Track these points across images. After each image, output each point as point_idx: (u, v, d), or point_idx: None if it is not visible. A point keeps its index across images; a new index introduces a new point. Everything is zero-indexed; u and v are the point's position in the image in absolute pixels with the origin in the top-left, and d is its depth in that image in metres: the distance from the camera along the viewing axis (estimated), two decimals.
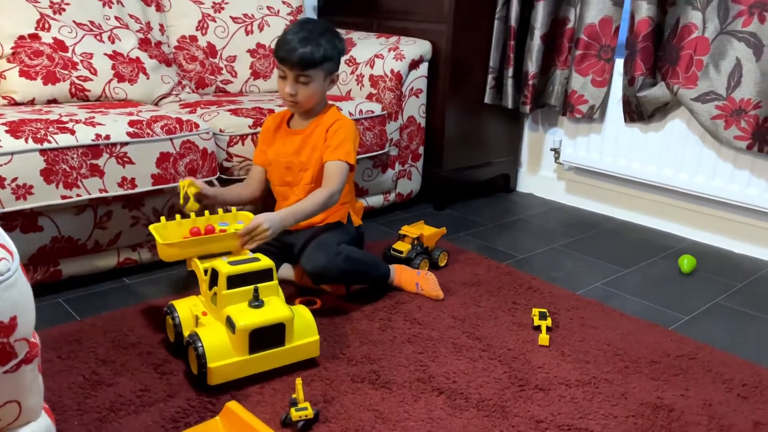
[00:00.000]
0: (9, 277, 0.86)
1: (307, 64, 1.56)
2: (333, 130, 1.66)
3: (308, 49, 1.54)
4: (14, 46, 1.81)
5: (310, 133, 1.68)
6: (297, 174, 1.69)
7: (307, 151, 1.68)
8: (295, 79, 1.58)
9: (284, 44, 1.56)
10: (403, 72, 2.25)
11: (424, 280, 1.70)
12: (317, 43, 1.56)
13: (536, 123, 2.68)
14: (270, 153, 1.72)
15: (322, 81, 1.62)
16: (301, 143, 1.68)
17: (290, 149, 1.69)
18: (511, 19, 2.36)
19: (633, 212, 2.42)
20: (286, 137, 1.71)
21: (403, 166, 2.37)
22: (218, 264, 1.31)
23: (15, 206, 1.45)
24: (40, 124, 1.51)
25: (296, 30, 1.57)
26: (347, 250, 1.60)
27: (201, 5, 2.29)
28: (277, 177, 1.71)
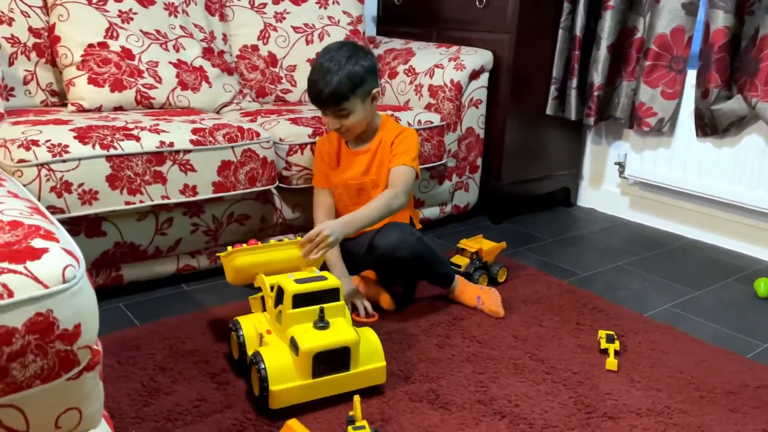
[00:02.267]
0: (75, 284, 0.86)
1: (338, 100, 1.54)
2: (399, 140, 1.64)
3: (333, 85, 1.51)
4: (84, 54, 1.86)
5: (376, 150, 1.67)
6: (370, 192, 1.67)
7: (375, 169, 1.67)
8: (334, 115, 1.57)
9: (311, 87, 1.55)
10: (464, 82, 2.21)
11: (487, 294, 1.65)
12: (340, 75, 1.51)
13: (599, 135, 2.59)
14: (335, 177, 1.69)
15: (361, 106, 1.58)
16: (369, 162, 1.67)
17: (359, 170, 1.67)
18: (576, 29, 2.28)
19: (703, 231, 2.30)
20: (351, 158, 1.69)
21: (461, 178, 2.32)
22: (284, 281, 1.28)
23: (81, 211, 1.48)
24: (106, 130, 1.54)
25: (318, 67, 1.55)
26: (420, 234, 1.58)
27: (263, 15, 2.31)
28: (348, 199, 1.69)
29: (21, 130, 1.49)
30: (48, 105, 1.90)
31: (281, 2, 2.33)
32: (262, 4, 2.31)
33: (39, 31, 1.88)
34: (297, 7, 2.34)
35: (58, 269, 0.85)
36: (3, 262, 0.82)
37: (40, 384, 0.85)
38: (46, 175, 1.42)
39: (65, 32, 1.86)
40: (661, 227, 2.42)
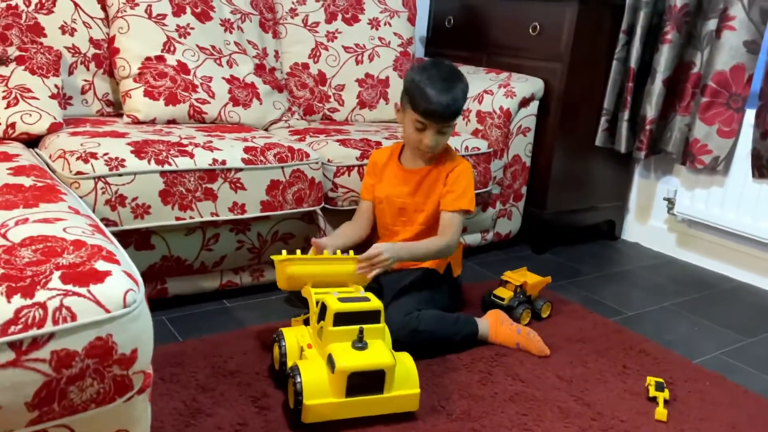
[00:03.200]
0: (135, 308, 0.86)
1: (453, 116, 1.56)
2: (455, 175, 1.62)
3: (452, 100, 1.52)
4: (141, 66, 1.89)
5: (427, 174, 1.65)
6: (411, 215, 1.66)
7: (423, 192, 1.65)
8: (437, 131, 1.56)
9: (430, 100, 1.51)
10: (513, 109, 2.18)
11: (527, 340, 1.59)
12: (456, 91, 1.54)
13: (648, 170, 2.54)
14: (380, 191, 1.69)
15: (451, 130, 1.61)
16: (417, 184, 1.65)
17: (405, 190, 1.66)
18: (631, 61, 2.24)
19: (755, 274, 2.23)
20: (400, 176, 1.68)
21: (504, 206, 2.29)
22: (328, 299, 1.29)
23: (133, 225, 1.49)
24: (162, 145, 1.56)
25: (434, 81, 1.52)
26: (423, 320, 1.50)
27: (315, 34, 2.32)
28: (389, 216, 1.69)
29: (80, 141, 1.51)
30: (103, 114, 1.93)
31: (334, 22, 2.34)
32: (315, 23, 2.33)
33: (99, 42, 1.92)
34: (349, 27, 2.35)
35: (120, 293, 0.85)
36: (68, 285, 0.83)
37: (95, 407, 0.85)
38: (102, 188, 1.44)
39: (124, 44, 1.90)
40: (710, 267, 2.35)
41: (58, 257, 0.87)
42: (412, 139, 1.59)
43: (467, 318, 1.61)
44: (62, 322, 0.79)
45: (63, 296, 0.81)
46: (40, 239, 0.92)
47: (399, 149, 1.71)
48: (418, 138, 1.58)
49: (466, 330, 1.59)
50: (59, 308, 0.80)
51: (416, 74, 1.56)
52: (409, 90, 1.56)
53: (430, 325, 1.52)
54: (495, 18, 2.47)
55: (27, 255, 0.87)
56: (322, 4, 2.34)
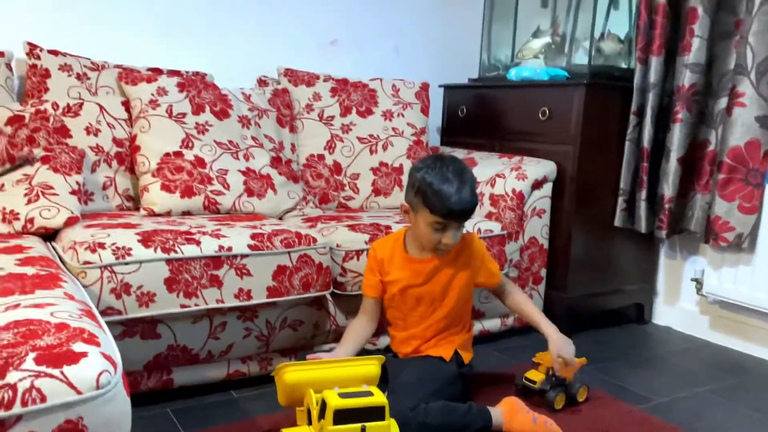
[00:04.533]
0: (108, 390, 0.85)
1: (474, 210, 1.56)
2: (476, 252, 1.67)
3: (470, 196, 1.53)
4: (160, 162, 1.97)
5: (440, 262, 1.62)
6: (430, 306, 1.63)
7: (441, 281, 1.62)
8: (456, 230, 1.55)
9: (450, 201, 1.50)
10: (525, 192, 2.18)
11: (544, 430, 1.50)
12: (471, 184, 1.55)
13: (674, 249, 2.46)
14: (391, 285, 1.65)
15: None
16: (431, 272, 1.62)
17: (418, 280, 1.62)
18: (644, 141, 2.24)
19: None
20: (409, 266, 1.64)
21: (524, 289, 2.24)
22: (328, 395, 1.24)
23: (137, 313, 1.50)
24: (170, 234, 1.59)
25: (448, 181, 1.51)
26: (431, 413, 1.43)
27: (331, 127, 2.41)
28: (405, 308, 1.65)
29: (91, 233, 1.56)
30: (123, 209, 2.01)
31: (349, 115, 2.43)
32: (330, 117, 2.42)
33: (122, 141, 2.02)
34: (363, 120, 2.43)
35: (93, 375, 0.84)
36: (41, 366, 0.83)
37: None
38: (108, 277, 1.47)
39: (145, 142, 2.00)
40: (746, 351, 2.21)
41: (37, 339, 0.88)
42: (431, 240, 1.56)
43: (479, 408, 1.53)
44: (31, 404, 0.79)
45: (35, 377, 0.81)
46: (24, 323, 0.93)
47: (402, 237, 1.69)
48: (436, 239, 1.55)
49: (478, 421, 1.50)
50: (29, 389, 0.79)
51: (426, 175, 1.53)
52: (422, 192, 1.53)
53: (439, 418, 1.44)
54: (505, 105, 2.53)
55: (7, 338, 0.88)
56: (338, 99, 2.45)
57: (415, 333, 1.65)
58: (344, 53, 2.71)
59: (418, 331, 1.64)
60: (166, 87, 2.09)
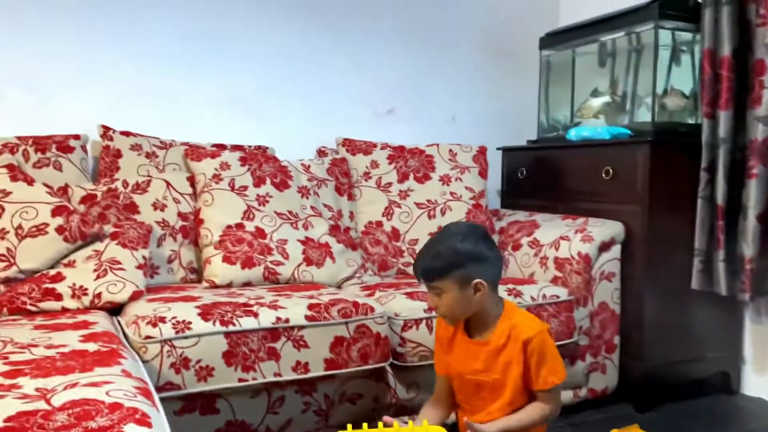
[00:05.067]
0: None
1: (428, 276, 1.45)
2: (534, 350, 1.44)
3: (426, 261, 1.45)
4: (222, 234, 2.01)
5: (499, 345, 1.47)
6: (491, 392, 1.49)
7: (499, 368, 1.47)
8: (431, 292, 1.47)
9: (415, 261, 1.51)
10: (592, 254, 2.09)
11: None
12: (436, 252, 1.44)
13: (759, 314, 2.28)
14: (452, 364, 1.54)
15: (457, 291, 1.43)
16: (489, 357, 1.48)
17: (477, 365, 1.49)
18: (718, 198, 2.12)
19: None
20: (468, 348, 1.51)
21: (596, 358, 2.11)
22: None
23: (196, 388, 1.50)
24: (228, 307, 1.60)
25: (427, 242, 1.52)
26: None
27: (388, 193, 2.42)
28: (467, 393, 1.54)
29: (153, 307, 1.59)
30: (186, 281, 2.05)
31: (406, 181, 2.44)
32: (388, 184, 2.43)
33: (186, 215, 2.09)
34: (420, 185, 2.43)
35: None
36: None
37: None
38: (167, 351, 1.48)
39: (208, 215, 2.05)
40: None
41: (89, 421, 0.88)
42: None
43: None
44: None
45: None
46: (80, 403, 0.94)
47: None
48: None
49: None
50: None
51: None
52: None
53: None
54: (566, 165, 2.47)
55: (61, 419, 0.88)
56: (395, 166, 2.46)
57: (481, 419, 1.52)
58: (401, 122, 2.74)
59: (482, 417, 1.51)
60: (229, 161, 2.16)
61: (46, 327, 1.44)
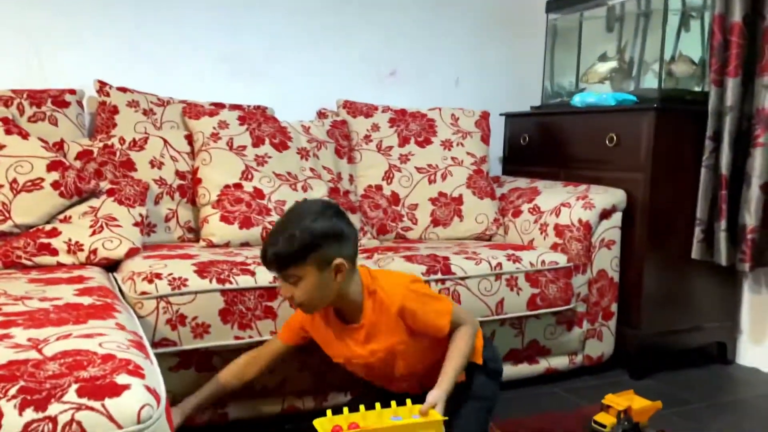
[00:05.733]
0: (149, 425, 0.82)
1: (282, 264, 1.31)
2: (410, 314, 1.37)
3: (278, 247, 1.29)
4: (220, 194, 1.99)
5: (373, 322, 1.39)
6: (383, 368, 1.43)
7: (382, 343, 1.39)
8: (283, 281, 1.33)
9: (262, 249, 1.34)
10: (593, 222, 2.07)
11: None
12: (290, 235, 1.29)
13: (759, 284, 2.28)
14: (335, 355, 1.46)
15: (316, 276, 1.31)
16: (368, 337, 1.40)
17: (359, 350, 1.41)
18: (722, 167, 2.10)
19: None
20: (344, 333, 1.43)
21: (593, 325, 2.11)
22: None
23: (192, 344, 1.50)
24: (225, 265, 1.59)
25: (272, 228, 1.37)
26: None
27: (389, 157, 2.39)
28: (363, 373, 1.49)
29: (149, 264, 1.58)
30: (184, 240, 2.03)
31: (407, 145, 2.40)
32: (388, 147, 2.40)
33: (184, 173, 2.06)
34: (422, 149, 2.40)
35: (135, 408, 0.82)
36: (83, 398, 0.81)
37: None
38: (163, 308, 1.47)
39: (206, 174, 2.03)
40: None
41: (81, 370, 0.87)
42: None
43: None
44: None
45: (75, 410, 0.79)
46: (72, 353, 0.93)
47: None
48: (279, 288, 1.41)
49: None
50: (69, 423, 0.78)
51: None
52: None
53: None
54: (570, 132, 2.44)
55: (52, 368, 0.87)
56: (396, 130, 2.43)
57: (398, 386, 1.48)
58: (404, 84, 2.70)
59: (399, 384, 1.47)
60: (228, 120, 2.12)
61: (41, 281, 1.43)
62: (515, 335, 1.95)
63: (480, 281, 1.85)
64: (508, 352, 1.96)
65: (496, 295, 1.87)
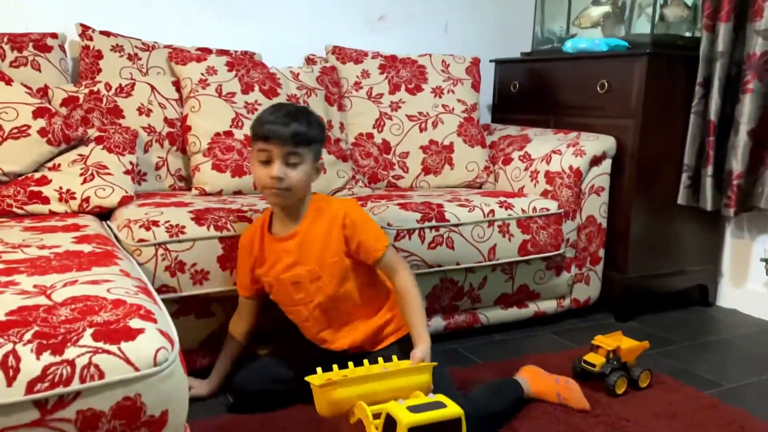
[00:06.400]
0: (166, 368, 0.84)
1: (299, 140, 1.33)
2: (351, 223, 1.37)
3: (299, 124, 1.33)
4: (210, 142, 1.96)
5: (310, 229, 1.39)
6: (308, 287, 1.39)
7: (312, 255, 1.38)
8: (283, 159, 1.33)
9: (269, 120, 1.33)
10: (583, 168, 2.09)
11: (566, 389, 1.52)
12: (307, 120, 1.36)
13: (741, 228, 2.34)
14: (264, 274, 1.44)
15: (310, 166, 1.37)
16: (300, 247, 1.39)
17: (288, 260, 1.39)
18: (710, 114, 2.12)
19: None
20: (277, 247, 1.41)
21: (581, 270, 2.16)
22: (394, 409, 1.05)
23: (192, 291, 1.50)
24: (222, 212, 1.58)
25: (277, 108, 1.38)
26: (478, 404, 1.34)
27: (379, 105, 2.36)
28: (284, 297, 1.44)
29: (144, 211, 1.57)
30: (175, 189, 2.01)
31: (397, 92, 2.38)
32: (379, 95, 2.37)
33: (173, 121, 2.02)
34: (412, 97, 2.38)
35: (151, 352, 0.83)
36: (99, 342, 0.82)
37: None
38: (162, 255, 1.47)
39: (196, 122, 1.99)
40: None
41: (94, 315, 0.87)
42: (260, 178, 1.36)
43: (510, 381, 1.52)
44: (89, 380, 0.78)
45: (92, 354, 0.80)
46: (81, 299, 0.93)
47: (267, 221, 1.46)
48: (262, 174, 1.35)
49: (519, 391, 1.49)
50: (87, 366, 0.78)
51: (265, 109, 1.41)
52: (252, 126, 1.40)
53: (496, 402, 1.41)
54: (561, 79, 2.43)
55: (65, 314, 0.87)
56: (386, 77, 2.39)
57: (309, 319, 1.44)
58: (393, 29, 2.65)
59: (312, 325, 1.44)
60: (216, 66, 2.07)
61: (36, 229, 1.42)
62: (506, 280, 1.99)
63: (473, 228, 1.87)
64: (499, 297, 2.00)
65: (488, 241, 1.89)
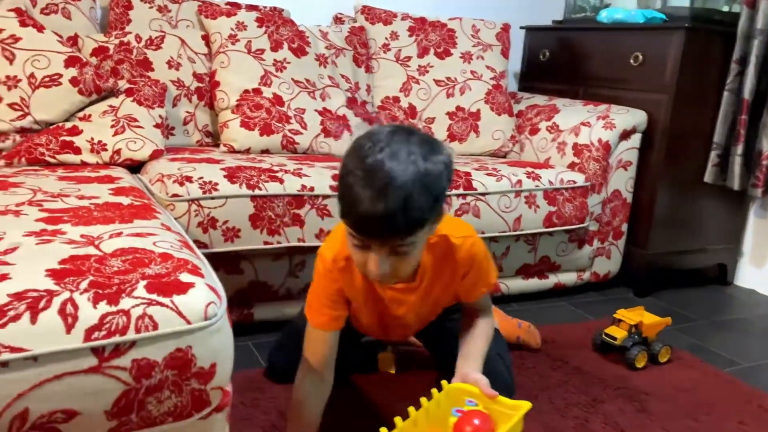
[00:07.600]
0: (215, 321, 0.85)
1: (410, 230, 0.92)
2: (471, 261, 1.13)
3: (397, 217, 0.89)
4: (239, 99, 1.95)
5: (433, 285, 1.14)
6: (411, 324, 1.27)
7: (429, 304, 1.20)
8: (389, 253, 0.96)
9: (360, 206, 0.89)
10: (612, 142, 2.08)
11: (527, 333, 1.65)
12: (405, 195, 0.88)
13: (765, 209, 2.32)
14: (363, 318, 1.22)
15: (425, 237, 1.00)
16: (422, 300, 1.16)
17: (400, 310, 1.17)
18: (745, 92, 2.08)
19: None
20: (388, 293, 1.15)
21: (602, 244, 2.16)
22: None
23: (223, 248, 1.51)
24: (253, 171, 1.58)
25: (376, 169, 0.89)
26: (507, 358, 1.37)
27: (407, 68, 2.33)
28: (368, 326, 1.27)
29: (177, 166, 1.57)
30: (202, 144, 2.01)
31: (426, 56, 2.35)
32: (407, 57, 2.34)
33: (202, 76, 2.01)
34: (441, 61, 2.35)
35: (202, 306, 0.84)
36: (152, 294, 0.83)
37: (172, 421, 0.84)
38: (195, 211, 1.47)
39: (224, 78, 1.98)
40: None
41: (145, 268, 0.88)
42: (356, 262, 1.02)
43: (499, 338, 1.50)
44: (144, 331, 0.79)
45: (147, 305, 0.81)
46: (130, 251, 0.94)
47: None
48: (360, 261, 0.99)
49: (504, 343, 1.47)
50: (142, 317, 0.80)
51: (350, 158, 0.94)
52: (340, 184, 0.96)
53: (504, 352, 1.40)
54: (593, 49, 2.39)
55: (116, 264, 0.88)
56: (415, 39, 2.36)
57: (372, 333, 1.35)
58: None
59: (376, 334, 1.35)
60: (246, 21, 2.05)
61: (71, 179, 1.42)
62: (528, 251, 2.00)
63: (500, 197, 1.87)
64: (521, 267, 2.01)
65: (514, 211, 1.89)
